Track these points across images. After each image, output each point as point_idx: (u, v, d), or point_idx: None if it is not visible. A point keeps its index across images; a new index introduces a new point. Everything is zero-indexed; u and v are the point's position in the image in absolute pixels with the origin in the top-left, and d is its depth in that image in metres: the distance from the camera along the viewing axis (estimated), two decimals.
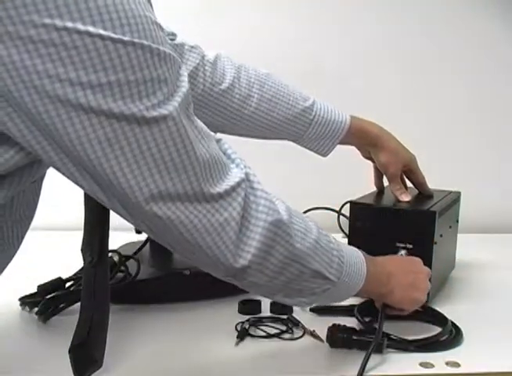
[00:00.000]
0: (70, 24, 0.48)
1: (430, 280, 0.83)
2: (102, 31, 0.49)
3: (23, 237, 0.70)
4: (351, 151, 1.03)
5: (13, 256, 0.70)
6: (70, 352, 0.66)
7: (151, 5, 0.58)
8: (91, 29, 0.49)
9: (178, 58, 0.56)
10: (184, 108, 0.56)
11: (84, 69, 0.50)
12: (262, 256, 0.62)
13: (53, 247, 1.16)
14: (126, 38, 0.50)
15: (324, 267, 0.67)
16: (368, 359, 0.70)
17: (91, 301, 0.69)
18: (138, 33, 0.51)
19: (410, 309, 0.81)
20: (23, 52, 0.48)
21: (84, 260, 0.70)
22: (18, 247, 0.70)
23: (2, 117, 0.51)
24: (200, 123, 0.59)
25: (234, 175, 0.60)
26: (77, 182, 0.56)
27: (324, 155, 1.00)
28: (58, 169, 0.55)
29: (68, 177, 0.56)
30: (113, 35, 0.50)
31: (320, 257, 0.66)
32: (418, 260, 0.84)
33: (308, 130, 0.97)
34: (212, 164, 0.58)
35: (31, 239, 0.72)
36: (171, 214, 0.56)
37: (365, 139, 0.99)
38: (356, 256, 0.72)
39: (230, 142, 0.99)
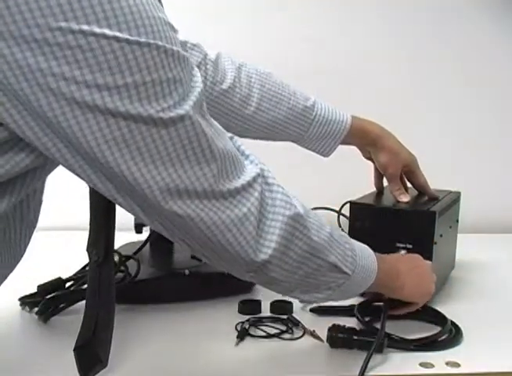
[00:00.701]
0: (85, 27, 0.48)
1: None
2: (118, 33, 0.50)
3: (29, 240, 0.70)
4: (351, 151, 1.03)
5: (20, 259, 0.70)
6: (74, 350, 0.66)
7: (162, 6, 0.58)
8: (107, 31, 0.49)
9: (190, 58, 0.57)
10: (199, 107, 0.56)
11: (101, 71, 0.50)
12: (282, 250, 0.63)
13: (53, 247, 1.16)
14: (142, 40, 0.51)
15: (340, 260, 0.68)
16: (369, 359, 0.70)
17: (97, 299, 0.68)
18: (153, 34, 0.52)
19: (422, 302, 0.83)
20: (39, 55, 0.48)
21: (90, 259, 0.70)
22: (25, 250, 0.70)
23: (18, 120, 0.52)
24: (213, 121, 0.60)
25: (250, 171, 0.61)
26: (93, 184, 0.56)
27: (326, 155, 1.00)
28: (74, 171, 0.56)
29: (84, 179, 0.56)
30: (128, 37, 0.50)
31: (335, 250, 0.68)
32: (417, 256, 0.85)
33: (309, 130, 0.96)
34: (228, 161, 0.59)
35: (31, 239, 0.72)
36: (191, 212, 0.57)
37: (366, 138, 0.99)
38: (367, 251, 0.74)
39: None
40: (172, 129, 0.54)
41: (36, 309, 0.84)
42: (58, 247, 1.16)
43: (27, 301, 0.87)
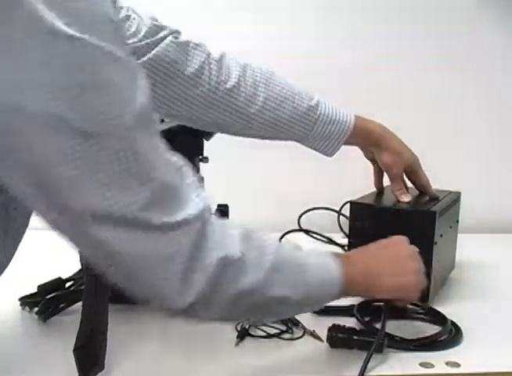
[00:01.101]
0: None
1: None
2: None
3: (18, 245, 0.69)
4: (352, 151, 1.03)
5: (8, 263, 0.69)
6: (74, 351, 0.66)
7: (114, 2, 0.54)
8: None
9: (136, 63, 0.51)
10: (142, 124, 0.50)
11: (25, 67, 0.44)
12: (208, 293, 0.57)
13: (53, 247, 1.16)
14: (70, 33, 0.45)
15: (284, 291, 0.62)
16: (369, 359, 0.70)
17: (93, 300, 0.68)
18: (84, 28, 0.45)
19: (412, 296, 0.77)
20: None
21: (81, 265, 0.70)
22: (13, 254, 0.69)
23: None
24: (162, 145, 0.54)
25: (193, 207, 0.55)
26: (27, 200, 0.52)
27: (329, 155, 0.99)
28: (7, 183, 0.50)
29: (17, 192, 0.51)
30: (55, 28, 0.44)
31: (279, 282, 0.62)
32: (399, 241, 0.77)
33: (314, 129, 0.96)
34: (168, 192, 0.53)
35: (31, 239, 0.72)
36: (114, 240, 0.51)
37: (369, 139, 0.99)
38: (327, 266, 0.68)
39: (234, 142, 1.00)
40: (103, 142, 0.47)
41: (36, 309, 0.84)
42: (58, 247, 1.15)
43: (27, 301, 0.87)
